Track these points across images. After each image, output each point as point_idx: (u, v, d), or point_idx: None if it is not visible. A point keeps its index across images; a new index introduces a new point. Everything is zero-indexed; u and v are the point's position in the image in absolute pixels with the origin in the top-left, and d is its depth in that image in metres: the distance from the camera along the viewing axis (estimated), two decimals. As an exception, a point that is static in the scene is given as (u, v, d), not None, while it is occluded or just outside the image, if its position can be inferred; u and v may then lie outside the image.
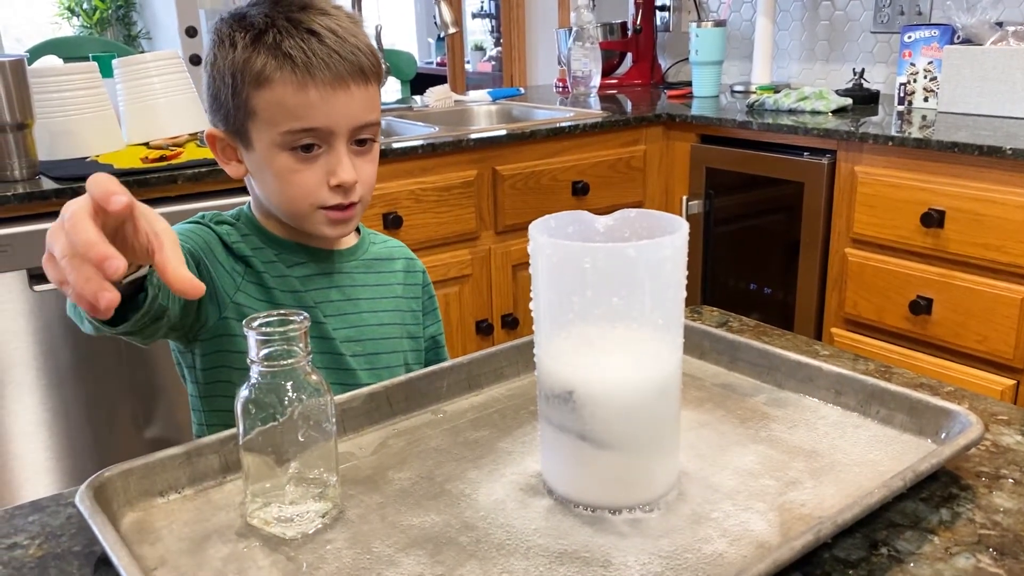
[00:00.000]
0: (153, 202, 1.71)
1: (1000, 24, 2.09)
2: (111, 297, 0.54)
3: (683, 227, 0.60)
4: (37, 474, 1.71)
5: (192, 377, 1.00)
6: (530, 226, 0.62)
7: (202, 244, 0.96)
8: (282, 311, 0.61)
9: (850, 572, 0.56)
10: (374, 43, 0.99)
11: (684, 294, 0.62)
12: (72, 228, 0.55)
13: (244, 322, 0.59)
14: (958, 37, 2.14)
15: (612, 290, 0.59)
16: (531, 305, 0.64)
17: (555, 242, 0.60)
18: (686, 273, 0.62)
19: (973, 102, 2.07)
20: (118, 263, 0.54)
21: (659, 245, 0.58)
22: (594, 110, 2.44)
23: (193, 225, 1.00)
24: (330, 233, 0.98)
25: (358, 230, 1.08)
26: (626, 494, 0.63)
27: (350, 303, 1.02)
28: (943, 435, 0.69)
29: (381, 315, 1.04)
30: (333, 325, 0.99)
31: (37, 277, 1.62)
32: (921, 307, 1.85)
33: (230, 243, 0.99)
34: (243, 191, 1.87)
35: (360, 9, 2.53)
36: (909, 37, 2.22)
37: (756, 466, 0.68)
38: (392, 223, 1.95)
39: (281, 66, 0.91)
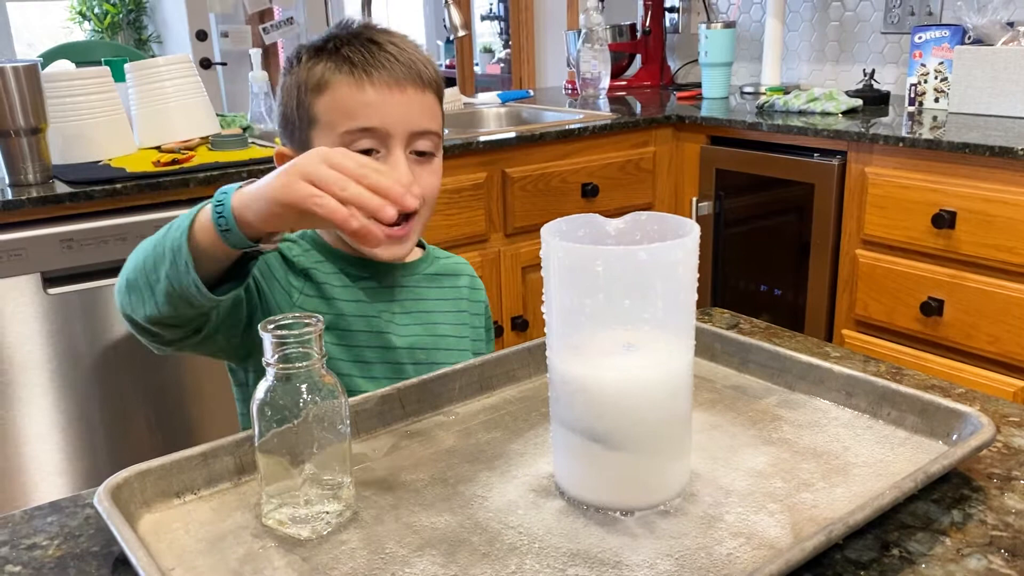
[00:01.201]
0: (165, 205, 1.72)
1: (1011, 24, 2.09)
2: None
3: (694, 230, 0.61)
4: (52, 475, 1.73)
5: (242, 395, 1.00)
6: (542, 229, 0.62)
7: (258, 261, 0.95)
8: (297, 314, 0.62)
9: (861, 573, 0.56)
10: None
11: (695, 297, 0.63)
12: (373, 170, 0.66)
13: (260, 325, 0.60)
14: (969, 37, 2.14)
15: (624, 293, 0.59)
16: (543, 308, 0.64)
17: (567, 245, 0.60)
18: (697, 276, 0.62)
19: (984, 103, 2.07)
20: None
21: (671, 248, 0.59)
22: (603, 112, 2.45)
23: None
24: (384, 255, 0.96)
25: (423, 245, 1.07)
26: (638, 495, 0.63)
27: (414, 315, 1.01)
28: (954, 437, 0.69)
29: (446, 327, 1.03)
30: (398, 332, 0.98)
31: (51, 280, 1.64)
32: (932, 308, 1.85)
33: (290, 256, 0.98)
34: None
35: (369, 12, 2.54)
36: (920, 38, 2.22)
37: (767, 467, 0.68)
38: (402, 225, 1.95)
39: (339, 68, 0.93)
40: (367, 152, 0.93)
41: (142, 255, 0.80)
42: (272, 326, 0.60)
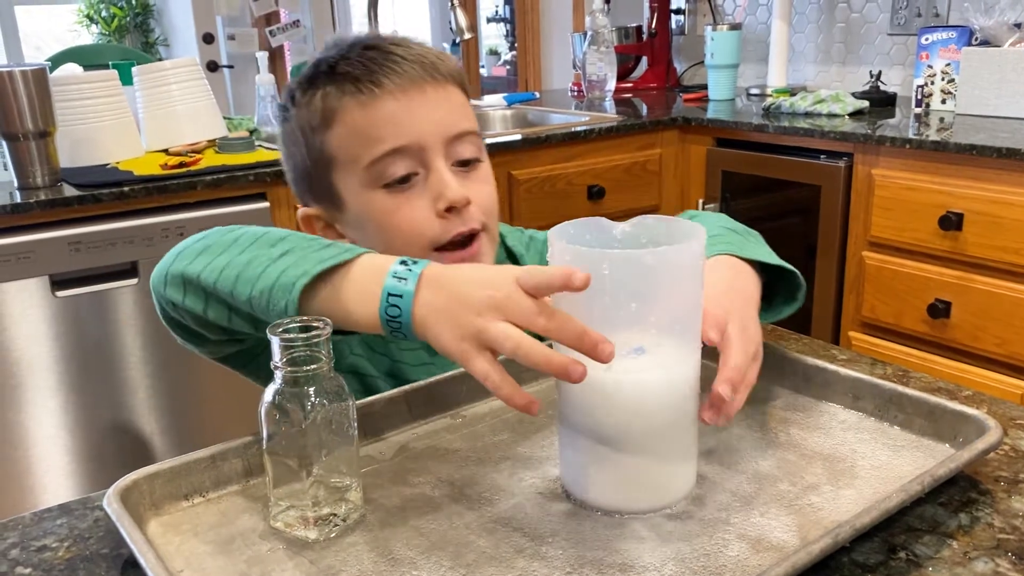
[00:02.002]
0: (173, 208, 1.73)
1: (1018, 25, 2.08)
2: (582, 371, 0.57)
3: (701, 234, 0.61)
4: (59, 477, 1.73)
5: None
6: (549, 232, 0.62)
7: None
8: (305, 317, 0.62)
9: (868, 576, 0.56)
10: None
11: (703, 300, 0.63)
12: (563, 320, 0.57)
13: (268, 328, 0.60)
14: (976, 39, 2.13)
15: (629, 296, 0.59)
16: (553, 311, 0.64)
17: (574, 248, 0.60)
18: (704, 279, 0.62)
19: (991, 104, 2.07)
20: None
21: (677, 252, 0.59)
22: (609, 114, 2.45)
23: None
24: None
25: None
26: (644, 498, 0.63)
27: None
28: (961, 439, 0.69)
29: None
30: None
31: (59, 283, 1.64)
32: (939, 310, 1.84)
33: None
34: (261, 197, 1.89)
35: (375, 14, 2.55)
36: (926, 39, 2.22)
37: (774, 471, 0.68)
38: (409, 228, 1.96)
39: (342, 89, 0.79)
40: (405, 179, 0.80)
41: (223, 260, 0.68)
42: (280, 329, 0.60)
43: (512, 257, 1.00)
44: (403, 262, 0.63)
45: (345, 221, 0.85)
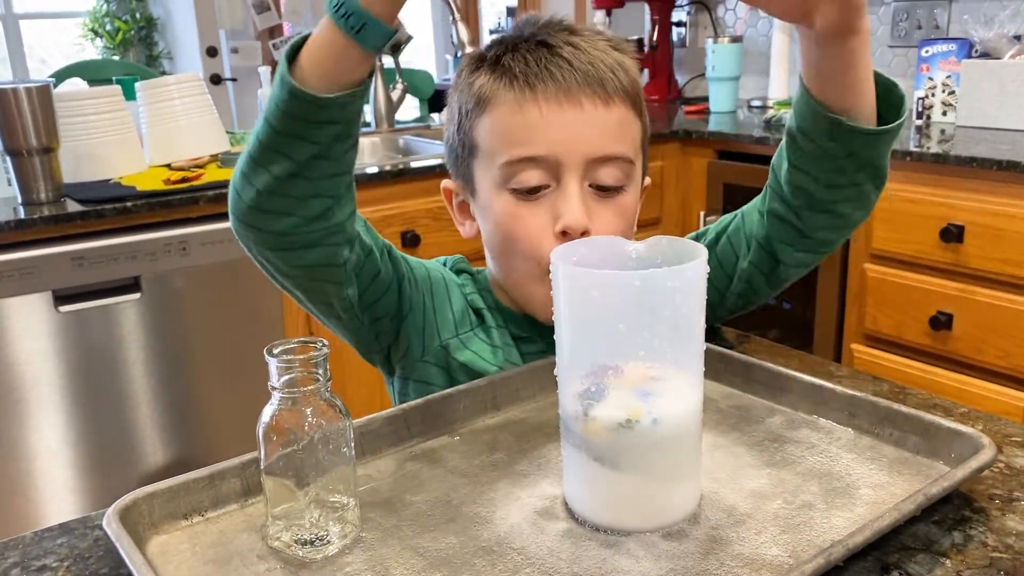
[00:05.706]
0: (176, 223, 1.74)
1: (1018, 38, 2.09)
2: None
3: (697, 257, 0.61)
4: (62, 492, 1.74)
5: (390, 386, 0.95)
6: (553, 251, 0.62)
7: (438, 279, 0.89)
8: (303, 338, 0.62)
9: (862, 596, 0.56)
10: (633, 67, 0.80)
11: (702, 322, 0.63)
12: None
13: (265, 349, 0.61)
14: (976, 51, 2.14)
15: (619, 318, 0.60)
16: (555, 328, 0.64)
17: (567, 269, 0.61)
18: (704, 300, 0.62)
19: (992, 116, 2.07)
20: None
21: (666, 275, 0.59)
22: (611, 127, 2.45)
23: (437, 265, 0.92)
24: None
25: None
26: (643, 518, 0.63)
27: None
28: (956, 457, 0.69)
29: None
30: None
31: (62, 298, 1.65)
32: (941, 323, 1.85)
33: (465, 293, 0.91)
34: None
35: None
36: (927, 51, 2.22)
37: (769, 489, 0.68)
38: (410, 242, 1.97)
39: (499, 82, 0.78)
40: (534, 190, 0.79)
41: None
42: (278, 350, 0.61)
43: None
44: None
45: (476, 206, 0.86)
